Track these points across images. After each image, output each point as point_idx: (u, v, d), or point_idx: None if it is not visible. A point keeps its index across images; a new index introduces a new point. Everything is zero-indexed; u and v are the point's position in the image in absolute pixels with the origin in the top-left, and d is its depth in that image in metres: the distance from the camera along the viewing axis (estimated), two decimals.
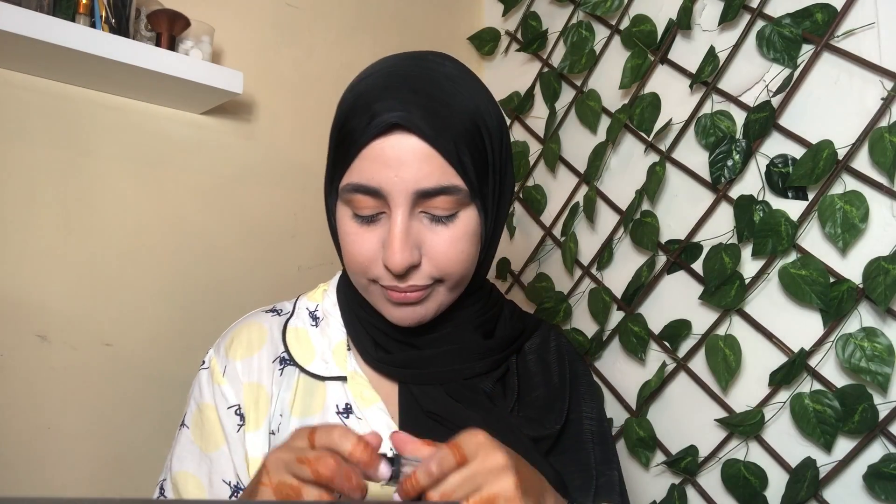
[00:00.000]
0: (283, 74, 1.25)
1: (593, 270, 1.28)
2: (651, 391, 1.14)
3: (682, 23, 1.14)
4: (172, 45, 0.99)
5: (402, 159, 0.58)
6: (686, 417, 1.11)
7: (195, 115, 1.13)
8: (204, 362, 0.72)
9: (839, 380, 0.94)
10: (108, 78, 0.97)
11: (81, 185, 1.01)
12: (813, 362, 0.96)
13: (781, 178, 1.01)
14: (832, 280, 0.94)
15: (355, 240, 0.62)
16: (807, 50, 1.00)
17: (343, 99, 0.65)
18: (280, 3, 1.25)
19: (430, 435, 0.56)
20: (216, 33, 1.10)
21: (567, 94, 1.36)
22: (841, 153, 0.94)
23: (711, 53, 1.09)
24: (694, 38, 1.15)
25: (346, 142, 0.62)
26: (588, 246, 1.30)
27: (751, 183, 1.05)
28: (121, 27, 0.94)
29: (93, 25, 0.91)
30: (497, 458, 0.50)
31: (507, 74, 1.50)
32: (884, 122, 0.91)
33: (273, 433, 0.67)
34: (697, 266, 1.10)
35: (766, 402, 1.01)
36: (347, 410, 0.68)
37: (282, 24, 1.25)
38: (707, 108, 1.11)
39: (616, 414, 1.21)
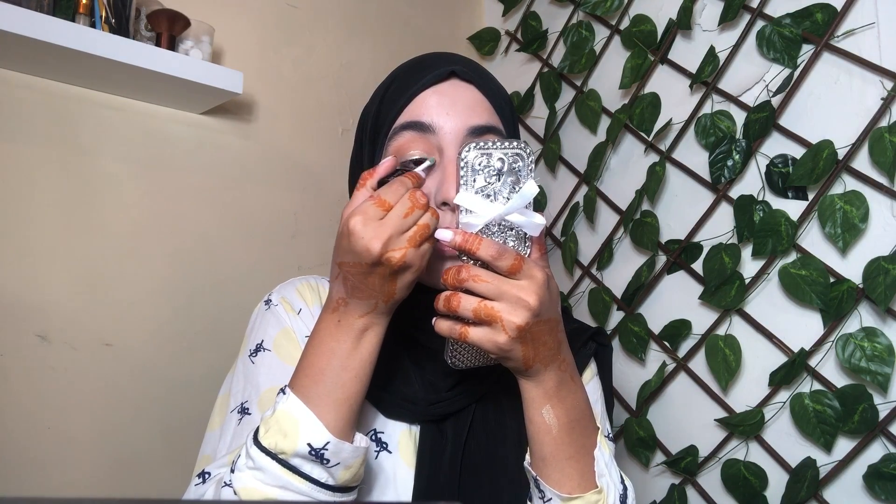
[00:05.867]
0: (283, 74, 1.25)
1: (593, 270, 1.28)
2: (651, 391, 1.14)
3: (682, 23, 1.14)
4: (172, 45, 0.99)
5: (456, 101, 0.63)
6: (686, 417, 1.11)
7: (195, 115, 1.13)
8: (271, 300, 0.74)
9: (839, 380, 0.94)
10: (108, 78, 0.97)
11: (81, 184, 1.01)
12: (813, 362, 0.96)
13: (781, 178, 1.01)
14: (832, 280, 0.94)
15: None
16: (807, 50, 1.00)
17: (385, 81, 0.70)
18: (280, 3, 1.25)
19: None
20: (216, 33, 1.10)
21: (567, 94, 1.36)
22: (841, 153, 0.94)
23: (711, 53, 1.09)
24: (694, 38, 1.15)
25: (395, 95, 0.64)
26: (588, 246, 1.30)
27: (751, 183, 1.05)
28: (121, 27, 0.94)
29: (93, 25, 0.91)
30: (532, 298, 0.54)
31: (507, 74, 1.50)
32: (884, 122, 0.91)
33: None
34: (697, 266, 1.10)
35: (766, 402, 1.01)
36: None
37: (282, 24, 1.25)
38: (707, 108, 1.11)
39: (616, 414, 1.21)
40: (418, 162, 0.62)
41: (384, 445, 0.67)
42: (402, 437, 0.68)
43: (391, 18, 1.42)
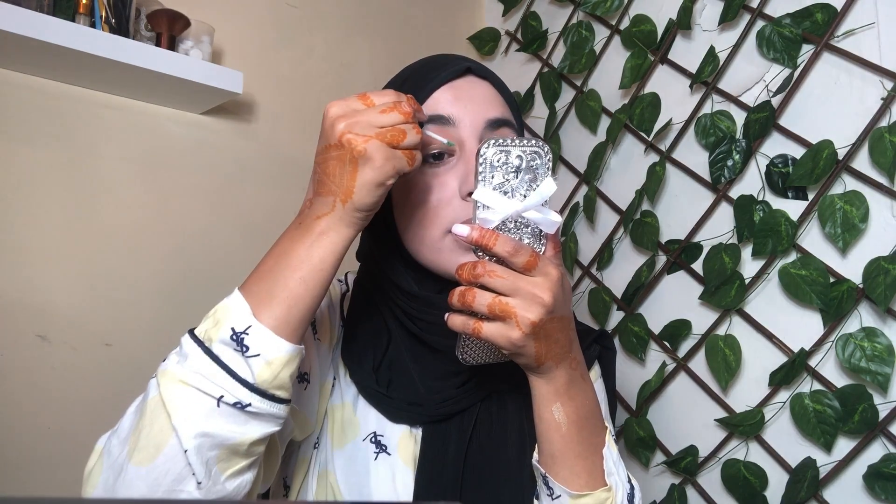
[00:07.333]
0: (283, 74, 1.25)
1: (593, 270, 1.28)
2: (651, 391, 1.14)
3: (682, 23, 1.14)
4: (172, 45, 0.99)
5: (473, 96, 0.65)
6: (686, 417, 1.11)
7: (195, 115, 1.13)
8: None
9: (839, 380, 0.94)
10: (108, 78, 0.97)
11: (82, 184, 1.01)
12: (813, 362, 0.96)
13: (781, 178, 1.01)
14: (832, 280, 0.94)
15: (431, 183, 0.64)
16: (807, 50, 1.00)
17: (394, 81, 0.70)
18: (280, 3, 1.25)
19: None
20: (216, 33, 1.10)
21: (567, 94, 1.36)
22: (841, 153, 0.94)
23: (711, 53, 1.09)
24: (694, 38, 1.15)
25: (411, 93, 0.63)
26: (588, 246, 1.30)
27: (751, 183, 1.05)
28: (121, 27, 0.94)
29: (93, 25, 0.91)
30: (546, 294, 0.54)
31: (507, 74, 1.50)
32: (884, 122, 0.91)
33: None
34: (697, 266, 1.10)
35: (766, 402, 1.01)
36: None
37: (282, 24, 1.25)
38: (707, 108, 1.11)
39: (616, 414, 1.21)
40: (438, 156, 0.63)
41: (383, 448, 0.67)
42: (402, 439, 0.68)
43: (391, 18, 1.42)
